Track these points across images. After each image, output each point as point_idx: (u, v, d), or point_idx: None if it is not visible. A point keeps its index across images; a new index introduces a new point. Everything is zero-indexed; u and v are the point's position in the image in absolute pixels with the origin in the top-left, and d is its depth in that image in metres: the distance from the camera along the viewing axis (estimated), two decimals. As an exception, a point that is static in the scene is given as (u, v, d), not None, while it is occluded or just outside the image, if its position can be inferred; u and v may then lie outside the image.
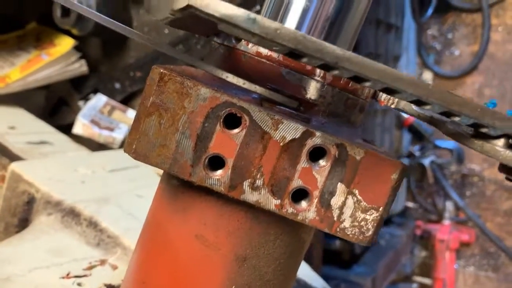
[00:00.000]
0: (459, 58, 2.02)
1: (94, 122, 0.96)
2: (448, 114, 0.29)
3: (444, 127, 0.32)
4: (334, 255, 1.48)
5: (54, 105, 1.15)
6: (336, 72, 0.28)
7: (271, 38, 0.27)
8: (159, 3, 0.30)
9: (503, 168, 0.30)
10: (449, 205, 2.02)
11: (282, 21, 0.37)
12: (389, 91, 0.29)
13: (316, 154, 0.33)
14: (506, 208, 1.96)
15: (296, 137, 0.33)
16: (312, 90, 0.35)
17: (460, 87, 2.02)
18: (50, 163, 0.75)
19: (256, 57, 0.35)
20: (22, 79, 1.02)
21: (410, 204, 2.09)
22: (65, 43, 1.07)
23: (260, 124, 0.32)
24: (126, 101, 1.10)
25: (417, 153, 2.03)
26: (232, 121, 0.33)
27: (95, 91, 1.11)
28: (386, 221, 2.00)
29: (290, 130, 0.32)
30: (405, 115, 1.86)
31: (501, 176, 0.32)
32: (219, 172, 0.33)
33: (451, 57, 2.04)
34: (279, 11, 0.37)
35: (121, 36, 1.08)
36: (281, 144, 0.33)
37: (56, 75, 1.05)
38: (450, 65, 2.04)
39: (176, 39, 1.03)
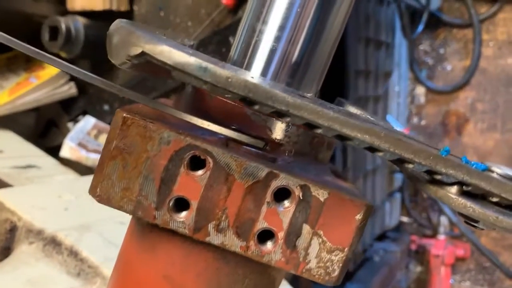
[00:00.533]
0: (451, 73, 2.04)
1: (81, 145, 0.97)
2: (401, 161, 0.29)
3: (404, 168, 0.32)
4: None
5: (43, 126, 1.15)
6: (288, 119, 0.28)
7: (223, 86, 0.27)
8: (117, 47, 0.31)
9: (461, 213, 0.30)
10: (443, 220, 2.01)
11: (250, 61, 0.37)
12: (342, 138, 0.29)
13: (281, 194, 0.33)
14: (501, 223, 1.96)
15: (260, 178, 0.33)
16: (278, 131, 0.35)
17: (453, 101, 2.03)
18: (34, 190, 0.75)
19: (222, 98, 0.35)
20: (10, 102, 1.02)
21: (405, 219, 2.08)
22: (54, 66, 1.08)
23: (224, 166, 0.32)
24: (115, 123, 1.10)
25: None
26: (196, 163, 0.33)
27: (84, 113, 1.12)
28: (380, 236, 1.99)
29: (253, 172, 0.33)
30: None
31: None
32: (184, 214, 0.33)
33: (444, 72, 2.05)
34: (247, 51, 0.37)
35: (108, 61, 1.09)
36: (245, 185, 0.33)
37: (45, 97, 1.06)
38: (443, 80, 2.05)
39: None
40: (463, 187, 0.29)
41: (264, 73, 0.36)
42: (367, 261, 1.72)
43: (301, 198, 0.33)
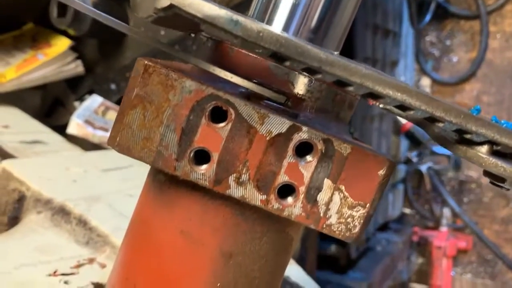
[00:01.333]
0: (457, 64, 2.03)
1: (88, 122, 0.96)
2: (432, 119, 0.29)
3: (431, 130, 0.32)
4: (329, 260, 1.47)
5: (50, 105, 1.15)
6: (319, 76, 0.27)
7: (254, 40, 0.26)
8: (142, 1, 0.30)
9: (487, 172, 0.29)
10: (446, 212, 2.01)
11: (271, 16, 0.36)
12: (373, 96, 0.28)
13: (303, 149, 0.33)
14: (504, 216, 1.96)
15: (282, 131, 0.32)
16: (300, 85, 0.35)
17: (459, 93, 2.02)
18: (42, 162, 0.74)
19: (244, 51, 0.35)
20: (17, 79, 1.01)
21: (407, 211, 2.08)
22: (61, 44, 1.07)
23: (246, 118, 0.32)
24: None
25: (414, 159, 2.02)
26: (218, 115, 0.32)
27: (90, 92, 1.11)
28: (382, 226, 1.99)
29: (276, 124, 0.32)
30: (403, 121, 1.86)
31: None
32: (204, 166, 0.32)
33: (449, 63, 2.04)
34: (269, 6, 0.37)
35: (117, 37, 1.08)
36: (267, 138, 0.32)
37: (52, 75, 1.05)
38: (449, 71, 2.04)
39: (173, 39, 1.02)
40: (493, 146, 0.29)
41: (286, 28, 0.36)
42: (369, 250, 1.72)
43: (324, 152, 0.32)
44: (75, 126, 0.95)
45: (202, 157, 0.32)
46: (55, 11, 0.99)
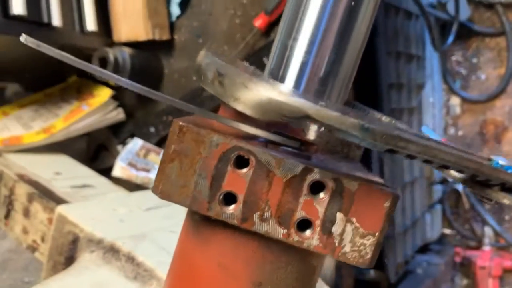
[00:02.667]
0: (486, 82, 2.03)
1: (131, 164, 1.04)
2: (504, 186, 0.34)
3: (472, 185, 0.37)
4: (368, 285, 1.48)
5: (95, 150, 1.24)
6: (424, 159, 0.33)
7: (379, 142, 0.32)
8: (265, 107, 0.33)
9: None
10: (488, 231, 1.98)
11: (284, 73, 0.42)
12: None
13: (316, 187, 0.38)
14: (548, 232, 1.91)
15: (297, 173, 0.37)
16: (311, 132, 0.40)
17: (490, 110, 2.01)
18: (92, 205, 0.82)
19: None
20: (65, 129, 1.11)
21: (447, 231, 2.06)
22: (103, 94, 1.17)
23: (265, 163, 0.38)
24: (160, 144, 1.18)
25: (450, 179, 2.01)
26: (241, 162, 0.38)
27: (131, 136, 1.20)
28: (423, 249, 1.95)
29: (291, 167, 0.37)
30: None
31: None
32: (232, 206, 0.38)
33: (478, 81, 2.04)
34: (281, 64, 0.42)
35: (154, 85, 1.17)
36: (284, 180, 0.38)
37: (96, 123, 1.14)
38: (478, 89, 2.05)
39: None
40: None
41: (297, 82, 0.41)
42: (410, 273, 1.71)
43: (334, 189, 0.37)
44: (119, 169, 1.03)
45: (230, 199, 0.38)
46: (96, 64, 1.09)
